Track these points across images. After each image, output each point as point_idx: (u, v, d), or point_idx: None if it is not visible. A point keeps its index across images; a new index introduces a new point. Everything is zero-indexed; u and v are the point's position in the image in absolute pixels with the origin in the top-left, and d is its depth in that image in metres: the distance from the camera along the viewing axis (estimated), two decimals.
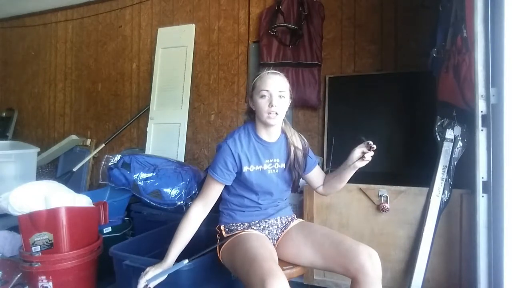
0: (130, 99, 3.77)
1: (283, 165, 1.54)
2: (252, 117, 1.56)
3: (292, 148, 1.54)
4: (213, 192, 1.51)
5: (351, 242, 1.38)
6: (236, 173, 1.50)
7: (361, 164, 1.45)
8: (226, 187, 1.55)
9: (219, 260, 1.52)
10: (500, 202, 1.53)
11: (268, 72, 1.49)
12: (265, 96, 1.44)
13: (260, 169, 1.51)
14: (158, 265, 1.43)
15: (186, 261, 1.41)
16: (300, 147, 1.57)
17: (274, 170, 1.53)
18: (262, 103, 1.44)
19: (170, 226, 2.14)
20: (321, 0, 2.84)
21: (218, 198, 1.56)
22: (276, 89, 1.44)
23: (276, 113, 1.43)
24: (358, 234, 1.98)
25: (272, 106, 1.42)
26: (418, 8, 2.57)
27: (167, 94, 3.44)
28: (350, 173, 1.52)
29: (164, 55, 3.51)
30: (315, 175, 1.66)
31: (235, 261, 1.39)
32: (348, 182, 1.55)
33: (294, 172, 1.55)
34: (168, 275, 1.42)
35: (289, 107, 1.53)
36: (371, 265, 1.29)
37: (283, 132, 1.57)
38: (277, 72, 1.51)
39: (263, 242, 1.43)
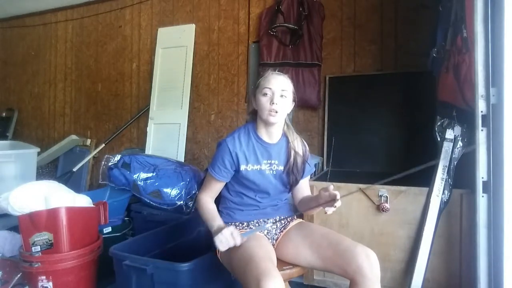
0: (130, 99, 3.77)
1: (281, 168, 1.54)
2: (254, 117, 1.57)
3: (292, 153, 1.54)
4: (214, 188, 1.56)
5: (349, 243, 1.37)
6: (234, 170, 1.52)
7: (327, 206, 1.31)
8: (225, 184, 1.57)
9: (218, 261, 1.52)
10: (500, 202, 1.53)
11: (273, 73, 1.52)
12: (267, 94, 1.45)
13: (258, 169, 1.51)
14: (221, 232, 1.34)
15: (269, 224, 1.53)
16: (300, 153, 1.57)
17: (272, 171, 1.54)
18: (264, 101, 1.45)
19: (170, 226, 2.14)
20: (321, 0, 2.84)
21: (218, 196, 1.59)
22: (278, 88, 1.45)
23: (277, 111, 1.44)
24: (358, 234, 1.98)
25: (273, 104, 1.43)
26: (418, 8, 2.57)
27: (167, 94, 3.44)
28: (315, 207, 1.42)
29: (164, 55, 3.51)
30: (301, 185, 1.61)
31: (233, 260, 1.39)
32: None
33: (292, 176, 1.54)
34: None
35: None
36: (369, 267, 1.28)
37: (285, 135, 1.57)
38: (282, 73, 1.54)
39: (260, 241, 1.43)
